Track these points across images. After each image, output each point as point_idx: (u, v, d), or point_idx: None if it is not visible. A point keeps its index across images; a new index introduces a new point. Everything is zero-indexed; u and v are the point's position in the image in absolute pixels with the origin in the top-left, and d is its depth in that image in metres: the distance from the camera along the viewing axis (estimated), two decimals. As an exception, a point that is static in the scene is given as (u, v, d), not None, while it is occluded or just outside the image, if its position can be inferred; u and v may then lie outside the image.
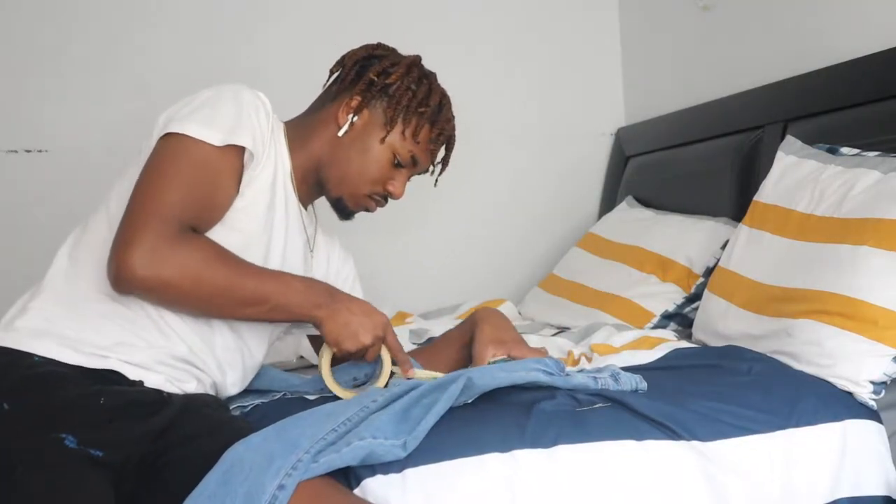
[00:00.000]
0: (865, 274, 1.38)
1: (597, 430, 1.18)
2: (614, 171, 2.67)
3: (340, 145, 1.37)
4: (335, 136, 1.37)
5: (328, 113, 1.39)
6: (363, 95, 1.37)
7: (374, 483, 1.06)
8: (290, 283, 1.25)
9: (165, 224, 1.14)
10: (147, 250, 1.12)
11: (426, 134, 1.40)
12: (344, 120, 1.37)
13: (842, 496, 1.26)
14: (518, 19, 2.64)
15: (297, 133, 1.38)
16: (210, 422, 1.17)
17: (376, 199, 1.42)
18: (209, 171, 1.20)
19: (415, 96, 1.38)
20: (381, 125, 1.37)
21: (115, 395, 1.13)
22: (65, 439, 1.03)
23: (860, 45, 1.78)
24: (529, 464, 1.11)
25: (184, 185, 1.18)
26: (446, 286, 2.54)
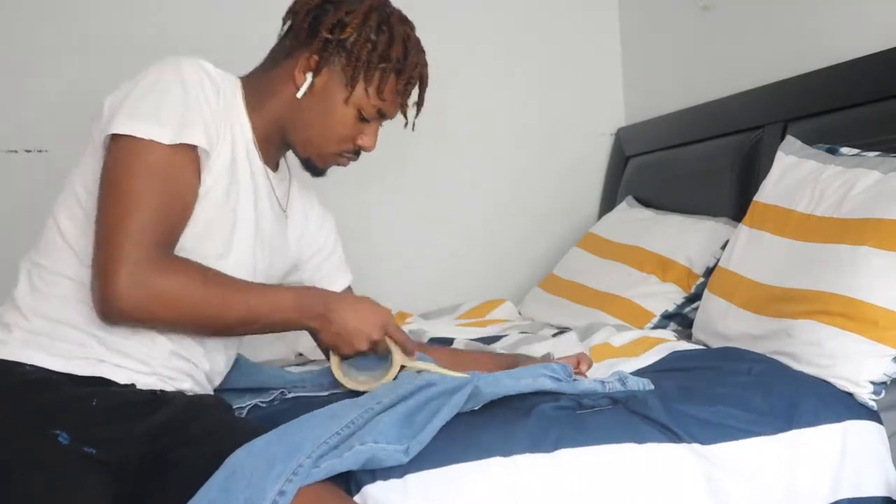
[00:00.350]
0: (865, 274, 1.38)
1: (598, 434, 1.18)
2: (614, 171, 2.67)
3: (301, 107, 1.28)
4: (294, 96, 1.27)
5: (285, 71, 1.29)
6: (319, 53, 1.26)
7: (375, 489, 1.06)
8: (281, 297, 1.22)
9: (142, 250, 1.10)
10: (129, 283, 1.09)
11: (392, 86, 1.29)
12: (301, 80, 1.27)
13: (842, 497, 1.26)
14: (518, 19, 2.64)
15: (255, 91, 1.29)
16: (214, 423, 1.16)
17: (347, 155, 1.35)
18: (169, 177, 1.14)
19: (375, 48, 1.26)
20: (343, 84, 1.27)
21: (108, 396, 1.12)
22: (58, 436, 1.03)
23: (860, 45, 1.78)
24: (531, 468, 1.12)
25: (149, 201, 1.12)
26: (446, 286, 2.54)
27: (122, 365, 1.17)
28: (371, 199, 2.52)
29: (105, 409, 1.10)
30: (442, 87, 2.54)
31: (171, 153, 1.14)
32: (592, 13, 2.73)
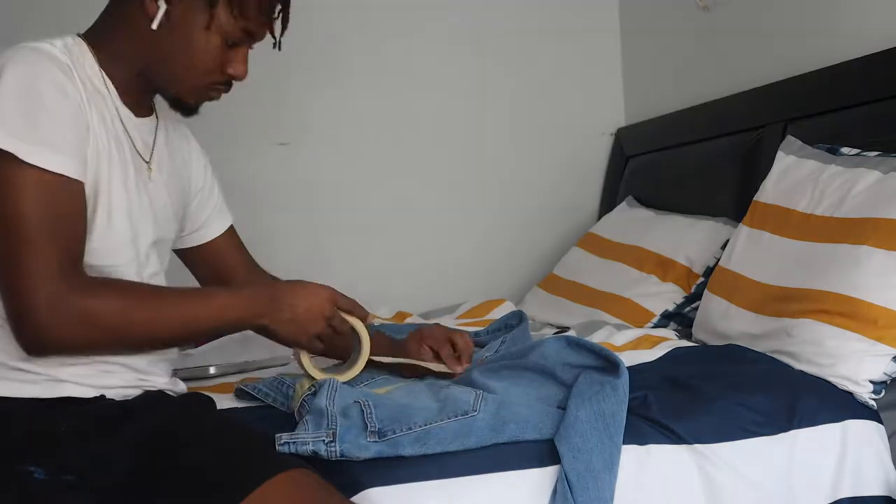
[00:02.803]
0: (865, 273, 1.39)
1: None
2: (614, 171, 2.67)
3: (158, 40, 1.16)
4: (149, 30, 1.15)
5: (134, 4, 1.15)
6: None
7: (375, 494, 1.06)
8: (222, 300, 1.17)
9: (52, 277, 1.03)
10: (49, 313, 1.03)
11: (255, 4, 1.17)
12: (154, 9, 1.14)
13: (842, 496, 1.26)
14: (518, 19, 2.64)
15: (104, 40, 1.18)
16: (201, 426, 1.13)
17: (217, 87, 1.23)
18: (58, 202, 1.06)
19: None
20: (202, 8, 1.15)
21: (75, 417, 1.07)
22: (33, 472, 0.98)
23: (860, 45, 1.78)
24: (535, 479, 1.11)
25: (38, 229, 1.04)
26: (446, 286, 2.54)
27: (82, 382, 1.12)
28: (370, 198, 2.53)
29: (76, 433, 1.05)
30: (441, 88, 2.56)
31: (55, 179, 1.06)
32: (592, 13, 2.73)
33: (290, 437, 1.10)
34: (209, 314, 1.15)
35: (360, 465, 1.10)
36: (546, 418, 1.17)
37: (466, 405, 1.16)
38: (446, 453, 1.11)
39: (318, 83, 2.45)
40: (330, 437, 1.09)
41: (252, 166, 2.42)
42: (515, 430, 1.15)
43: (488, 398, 1.18)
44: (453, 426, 1.12)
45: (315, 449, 1.09)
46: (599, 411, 1.16)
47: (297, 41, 2.40)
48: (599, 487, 1.08)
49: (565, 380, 1.27)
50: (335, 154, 2.49)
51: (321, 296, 1.22)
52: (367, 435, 1.10)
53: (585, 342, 1.36)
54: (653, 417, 1.22)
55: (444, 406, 1.16)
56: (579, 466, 1.09)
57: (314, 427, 1.12)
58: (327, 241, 2.49)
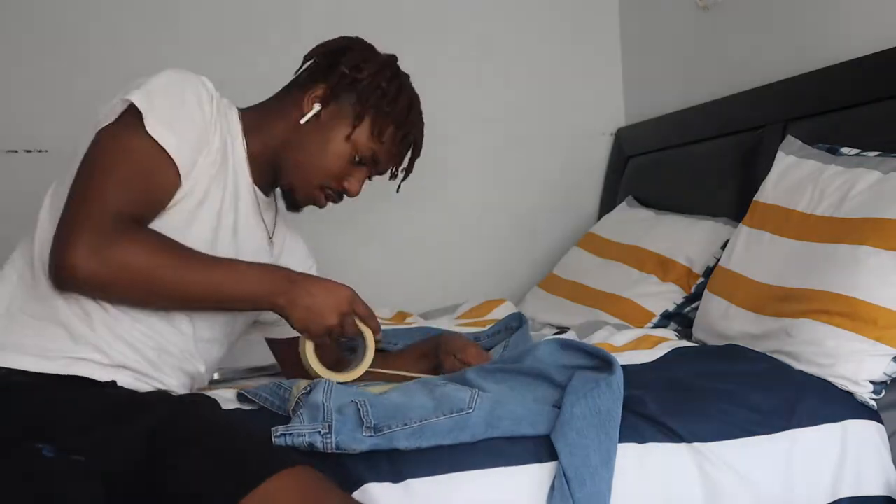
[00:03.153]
0: (865, 273, 1.39)
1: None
2: (614, 171, 2.67)
3: (301, 132, 1.33)
4: (297, 122, 1.33)
5: (293, 100, 1.35)
6: (332, 87, 1.33)
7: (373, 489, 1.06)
8: (244, 271, 1.21)
9: (105, 218, 1.11)
10: (88, 247, 1.09)
11: (392, 135, 1.36)
12: (309, 108, 1.33)
13: (842, 496, 1.26)
14: (518, 19, 2.64)
15: (256, 118, 1.35)
16: (206, 424, 1.13)
17: (329, 193, 1.38)
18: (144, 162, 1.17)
19: (384, 94, 1.34)
20: (347, 120, 1.33)
21: (89, 400, 1.10)
22: (42, 450, 1.00)
23: (860, 45, 1.78)
24: (532, 475, 1.12)
25: (121, 177, 1.15)
26: (446, 286, 2.54)
27: (101, 361, 1.15)
28: (370, 198, 2.52)
29: (87, 415, 1.07)
30: (442, 87, 2.56)
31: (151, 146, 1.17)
32: (592, 13, 2.73)
33: (286, 430, 1.11)
34: (232, 282, 1.19)
35: (358, 461, 1.10)
36: (541, 416, 1.18)
37: (462, 402, 1.16)
38: (444, 449, 1.11)
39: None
40: (326, 429, 1.10)
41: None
42: (510, 425, 1.15)
43: (484, 396, 1.18)
44: (448, 422, 1.13)
45: (311, 441, 1.09)
46: (595, 408, 1.16)
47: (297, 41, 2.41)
48: (597, 483, 1.09)
49: (560, 381, 1.27)
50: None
51: (341, 293, 1.26)
52: (362, 429, 1.11)
53: (578, 343, 1.37)
54: (652, 416, 1.22)
55: (440, 403, 1.17)
56: (576, 462, 1.10)
57: (310, 420, 1.12)
58: (327, 241, 2.49)
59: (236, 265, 1.22)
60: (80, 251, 1.08)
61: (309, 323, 1.23)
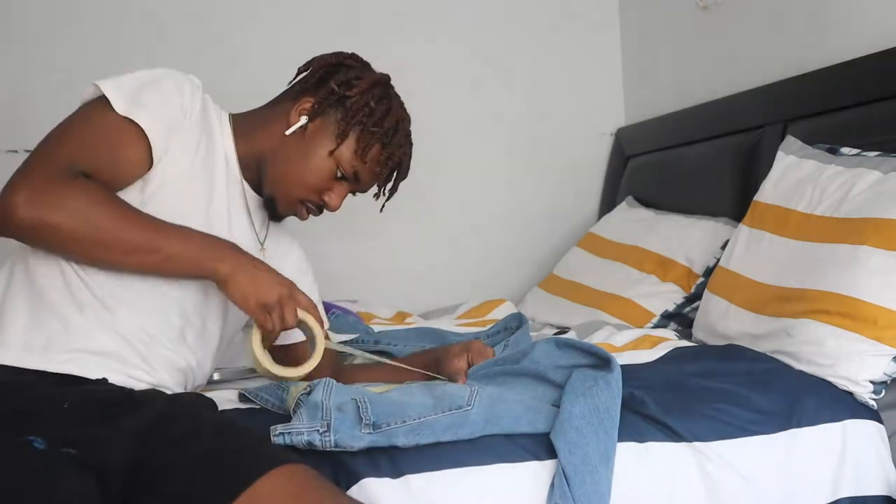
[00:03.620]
0: (865, 273, 1.39)
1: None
2: (614, 171, 2.67)
3: (285, 144, 1.33)
4: (282, 133, 1.33)
5: (282, 110, 1.35)
6: (320, 101, 1.33)
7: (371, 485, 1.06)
8: (189, 234, 1.19)
9: (55, 168, 1.11)
10: (31, 191, 1.09)
11: (375, 154, 1.35)
12: (295, 119, 1.33)
13: (842, 496, 1.26)
14: (518, 19, 2.64)
15: (246, 123, 1.36)
16: (199, 423, 1.13)
17: (309, 206, 1.37)
18: (112, 135, 1.18)
19: (371, 113, 1.33)
20: (332, 136, 1.32)
21: (80, 396, 1.09)
22: (33, 442, 0.99)
23: (860, 45, 1.78)
24: (532, 472, 1.12)
25: (86, 140, 1.16)
26: (446, 286, 2.54)
27: (94, 351, 1.15)
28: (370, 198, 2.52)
29: (79, 411, 1.07)
30: (442, 88, 2.56)
31: (120, 121, 1.17)
32: (592, 14, 2.73)
33: (284, 429, 1.11)
34: (172, 238, 1.17)
35: (357, 457, 1.10)
36: (539, 414, 1.18)
37: (461, 400, 1.17)
38: (443, 446, 1.12)
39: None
40: (324, 427, 1.10)
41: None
42: (509, 423, 1.15)
43: (482, 394, 1.19)
44: (447, 418, 1.13)
45: (310, 439, 1.09)
46: (594, 406, 1.16)
47: (297, 41, 2.41)
48: (596, 481, 1.09)
49: (558, 380, 1.27)
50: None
51: (282, 276, 1.23)
52: (361, 427, 1.11)
53: (574, 342, 1.36)
54: (652, 415, 1.22)
55: (439, 401, 1.17)
56: (576, 461, 1.10)
57: (308, 419, 1.12)
58: (327, 241, 2.49)
59: (182, 228, 1.20)
60: (21, 193, 1.08)
61: (247, 294, 1.18)
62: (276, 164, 1.33)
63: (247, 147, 1.34)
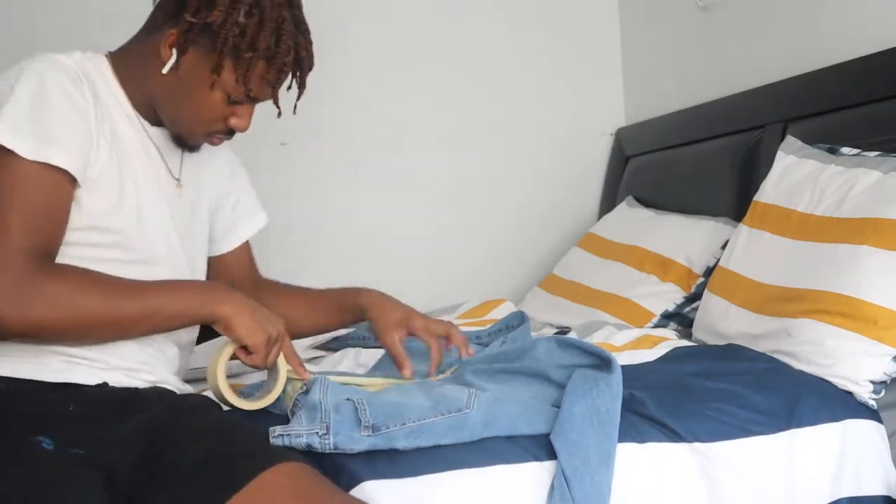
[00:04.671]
0: (865, 273, 1.39)
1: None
2: (614, 171, 2.67)
3: (167, 82, 1.20)
4: (160, 71, 1.19)
5: (152, 44, 1.20)
6: (183, 33, 1.17)
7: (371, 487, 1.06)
8: (181, 287, 1.18)
9: (17, 260, 1.04)
10: (8, 293, 1.03)
11: (261, 72, 1.19)
12: (167, 55, 1.18)
13: (842, 496, 1.26)
14: (518, 19, 2.64)
15: (128, 64, 1.23)
16: (202, 423, 1.14)
17: (218, 135, 1.26)
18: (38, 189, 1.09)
19: (243, 34, 1.16)
20: (208, 69, 1.18)
21: (83, 399, 1.10)
22: (41, 442, 1.00)
23: (860, 45, 1.78)
24: (532, 474, 1.12)
25: (20, 212, 1.07)
26: (446, 286, 2.54)
27: (90, 363, 1.14)
28: (371, 198, 2.53)
29: (84, 413, 1.07)
30: (442, 88, 2.56)
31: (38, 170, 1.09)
32: (592, 13, 2.73)
33: (284, 430, 1.11)
34: (166, 298, 1.15)
35: (356, 459, 1.10)
36: (539, 415, 1.18)
37: (460, 402, 1.16)
38: (442, 448, 1.12)
39: (319, 83, 2.44)
40: (324, 429, 1.10)
41: (252, 166, 2.42)
42: (508, 425, 1.15)
43: (481, 396, 1.19)
44: (447, 421, 1.13)
45: (309, 442, 1.09)
46: (594, 407, 1.16)
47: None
48: (596, 482, 1.09)
49: (559, 380, 1.27)
50: (335, 154, 2.49)
51: (278, 318, 1.22)
52: (360, 429, 1.11)
53: (575, 341, 1.36)
54: (652, 415, 1.22)
55: (438, 403, 1.17)
56: (576, 462, 1.10)
57: (308, 421, 1.12)
58: (327, 241, 2.49)
59: (169, 283, 1.18)
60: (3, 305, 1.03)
61: (252, 329, 1.17)
62: (167, 105, 1.23)
63: (136, 91, 1.23)
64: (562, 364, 1.32)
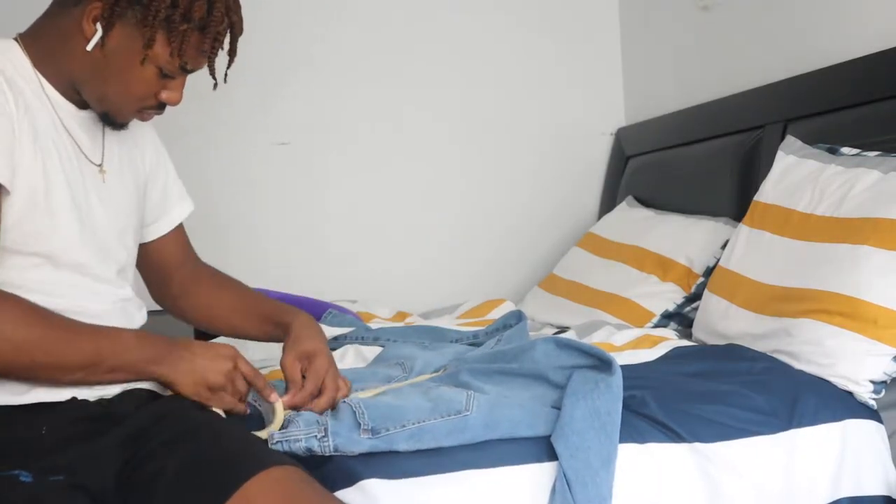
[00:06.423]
0: (865, 273, 1.39)
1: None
2: (614, 171, 2.67)
3: (93, 60, 1.12)
4: (84, 48, 1.11)
5: (71, 20, 1.12)
6: (109, 5, 1.10)
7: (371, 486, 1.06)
8: (123, 339, 1.12)
9: None
10: None
11: (196, 43, 1.14)
12: (90, 31, 1.11)
13: (842, 496, 1.26)
14: (518, 19, 2.64)
15: (42, 44, 1.15)
16: (185, 425, 1.10)
17: (149, 111, 1.21)
18: None
19: (175, 5, 1.10)
20: (137, 45, 1.11)
21: (55, 419, 1.06)
22: (19, 476, 0.97)
23: (860, 45, 1.78)
24: (532, 475, 1.12)
25: None
26: (446, 286, 2.54)
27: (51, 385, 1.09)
28: (371, 198, 2.53)
29: (58, 435, 1.04)
30: (442, 88, 2.56)
31: None
32: (592, 13, 2.73)
33: (282, 436, 1.11)
34: (109, 348, 1.10)
35: (356, 457, 1.10)
36: (539, 417, 1.18)
37: (459, 405, 1.16)
38: (442, 448, 1.12)
39: (318, 83, 2.45)
40: (322, 432, 1.10)
41: (252, 166, 2.42)
42: (509, 427, 1.15)
43: (480, 398, 1.19)
44: (447, 424, 1.13)
45: (308, 445, 1.09)
46: (595, 409, 1.16)
47: (297, 41, 2.41)
48: (598, 484, 1.09)
49: (558, 381, 1.27)
50: (335, 154, 2.49)
51: (221, 350, 1.18)
52: (360, 432, 1.11)
53: (574, 342, 1.36)
54: (652, 416, 1.22)
55: (437, 406, 1.17)
56: (577, 464, 1.10)
57: (305, 424, 1.12)
58: (327, 241, 2.50)
59: (115, 332, 1.13)
60: None
61: (195, 385, 1.14)
62: (92, 84, 1.15)
63: (56, 74, 1.15)
64: (560, 365, 1.31)
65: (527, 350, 1.39)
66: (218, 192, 2.37)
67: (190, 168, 2.36)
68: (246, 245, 2.41)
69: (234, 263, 2.32)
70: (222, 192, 2.38)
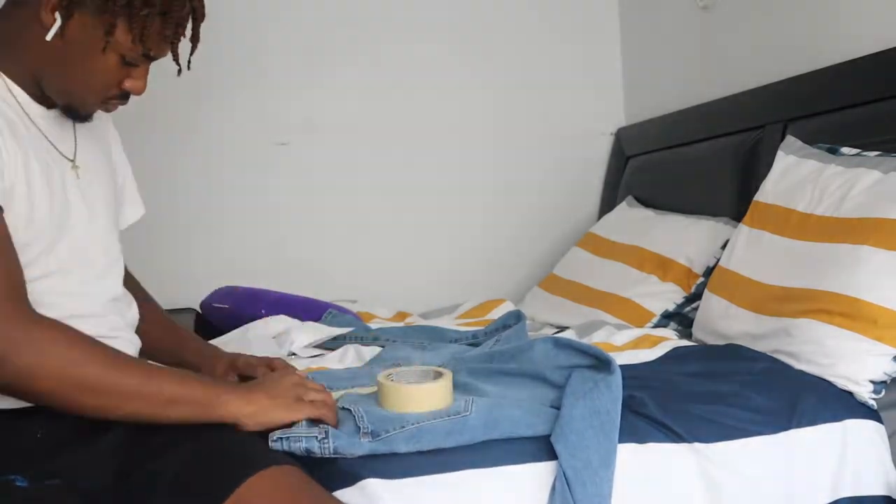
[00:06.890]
0: (865, 273, 1.39)
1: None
2: (614, 171, 2.67)
3: (52, 51, 1.09)
4: (43, 39, 1.08)
5: (29, 10, 1.09)
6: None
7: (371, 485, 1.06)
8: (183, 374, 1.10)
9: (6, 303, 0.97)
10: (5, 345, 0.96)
11: (158, 29, 1.11)
12: (49, 20, 1.08)
13: (842, 496, 1.26)
14: (518, 19, 2.64)
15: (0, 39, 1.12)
16: (185, 425, 1.08)
17: (113, 101, 1.18)
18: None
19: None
20: (98, 33, 1.08)
21: (50, 423, 1.05)
22: (15, 481, 0.96)
23: (860, 45, 1.78)
24: (532, 475, 1.12)
25: None
26: (446, 286, 2.54)
27: None
28: (371, 198, 2.53)
29: (54, 439, 1.03)
30: (442, 88, 2.57)
31: None
32: (592, 13, 2.73)
33: (282, 434, 1.10)
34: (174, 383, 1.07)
35: (357, 458, 1.10)
36: (538, 417, 1.18)
37: (458, 406, 1.17)
38: (443, 449, 1.12)
39: (318, 83, 2.45)
40: (323, 434, 1.10)
41: (252, 166, 2.43)
42: (508, 428, 1.15)
43: (479, 401, 1.19)
44: (446, 425, 1.13)
45: (308, 446, 1.09)
46: (594, 408, 1.16)
47: (296, 41, 2.41)
48: (597, 484, 1.09)
49: (557, 381, 1.27)
50: (335, 154, 2.49)
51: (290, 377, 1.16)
52: (360, 435, 1.11)
53: (573, 342, 1.36)
54: (652, 416, 1.22)
55: None
56: (577, 464, 1.10)
57: (307, 424, 1.12)
58: (327, 241, 2.50)
59: (172, 370, 1.10)
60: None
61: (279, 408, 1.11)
62: (53, 75, 1.12)
63: (15, 68, 1.13)
64: (559, 365, 1.31)
65: (525, 350, 1.38)
66: (217, 191, 2.37)
67: (190, 168, 2.38)
68: (246, 245, 2.41)
69: (233, 263, 2.34)
70: (222, 191, 2.38)
